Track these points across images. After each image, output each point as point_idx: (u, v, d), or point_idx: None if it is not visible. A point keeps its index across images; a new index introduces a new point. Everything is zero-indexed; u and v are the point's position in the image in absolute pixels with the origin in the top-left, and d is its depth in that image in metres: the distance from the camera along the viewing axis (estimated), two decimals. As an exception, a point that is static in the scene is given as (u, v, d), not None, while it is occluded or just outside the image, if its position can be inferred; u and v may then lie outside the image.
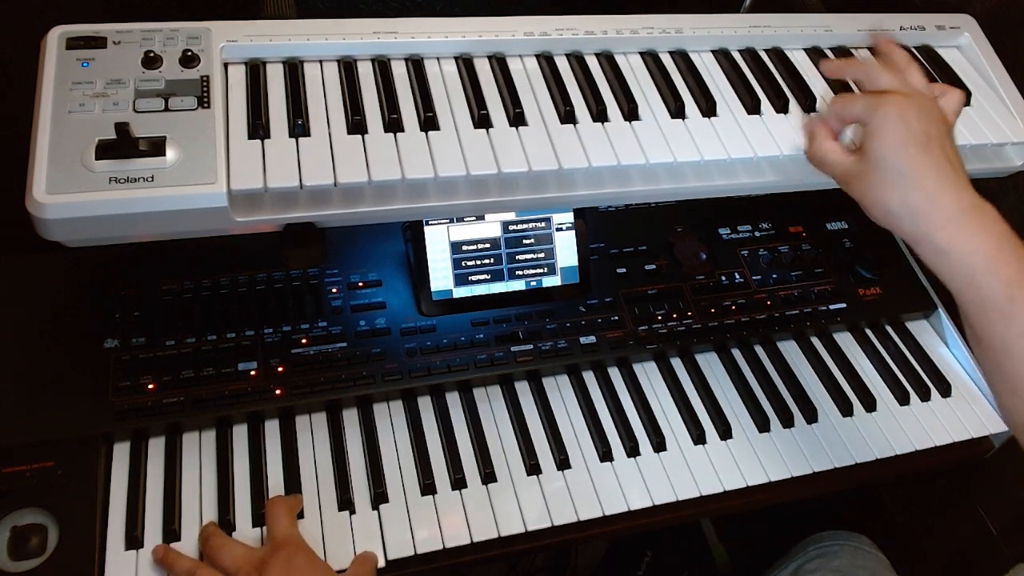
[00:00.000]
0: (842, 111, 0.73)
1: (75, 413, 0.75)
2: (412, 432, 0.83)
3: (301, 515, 0.76)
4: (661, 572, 1.39)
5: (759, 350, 0.97)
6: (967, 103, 0.87)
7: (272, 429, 0.81)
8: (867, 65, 0.76)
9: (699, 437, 0.87)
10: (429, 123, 0.72)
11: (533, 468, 0.82)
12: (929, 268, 0.66)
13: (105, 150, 0.61)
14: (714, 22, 0.86)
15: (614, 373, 0.92)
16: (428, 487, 0.79)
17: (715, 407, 0.89)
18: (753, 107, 0.80)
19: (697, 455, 0.86)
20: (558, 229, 0.93)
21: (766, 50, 0.87)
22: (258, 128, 0.67)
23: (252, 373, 0.81)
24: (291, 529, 0.72)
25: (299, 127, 0.69)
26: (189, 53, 0.69)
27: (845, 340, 1.00)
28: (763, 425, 0.89)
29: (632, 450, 0.84)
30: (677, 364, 0.94)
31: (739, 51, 0.87)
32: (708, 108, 0.80)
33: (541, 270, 0.92)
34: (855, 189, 0.70)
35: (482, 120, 0.73)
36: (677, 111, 0.79)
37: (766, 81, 0.83)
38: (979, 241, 0.62)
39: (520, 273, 0.92)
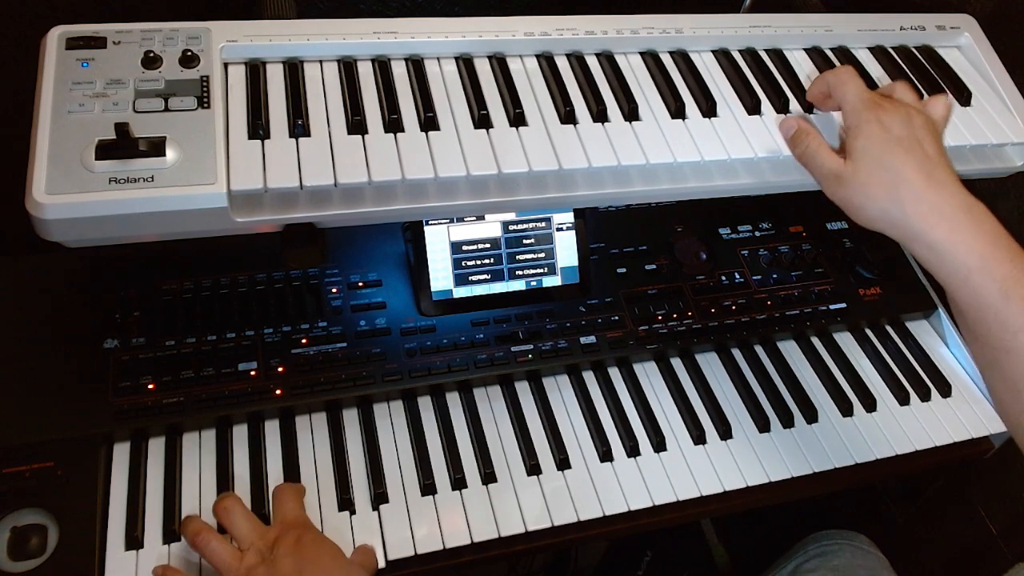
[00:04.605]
0: (835, 86, 0.73)
1: (75, 413, 0.75)
2: (412, 432, 0.83)
3: (301, 514, 0.76)
4: (661, 572, 1.39)
5: (759, 350, 0.97)
6: (967, 103, 0.87)
7: (272, 429, 0.81)
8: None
9: (699, 437, 0.87)
10: (429, 123, 0.72)
11: (533, 468, 0.82)
12: (924, 266, 0.66)
13: (105, 150, 0.61)
14: (714, 22, 0.86)
15: (614, 373, 0.92)
16: (428, 487, 0.79)
17: (715, 407, 0.89)
18: (753, 107, 0.80)
19: (697, 455, 0.86)
20: (558, 229, 0.93)
21: (766, 50, 0.87)
22: (258, 128, 0.67)
23: (252, 373, 0.81)
24: (299, 511, 0.72)
25: (299, 127, 0.69)
26: (189, 53, 0.69)
27: (845, 340, 1.00)
28: (763, 425, 0.89)
29: (632, 450, 0.84)
30: (677, 364, 0.94)
31: (739, 51, 0.87)
32: (708, 108, 0.79)
33: (541, 270, 0.92)
34: (841, 190, 0.69)
35: (482, 120, 0.73)
36: (677, 111, 0.79)
37: (766, 81, 0.83)
38: (974, 240, 0.62)
39: (520, 273, 0.92)
